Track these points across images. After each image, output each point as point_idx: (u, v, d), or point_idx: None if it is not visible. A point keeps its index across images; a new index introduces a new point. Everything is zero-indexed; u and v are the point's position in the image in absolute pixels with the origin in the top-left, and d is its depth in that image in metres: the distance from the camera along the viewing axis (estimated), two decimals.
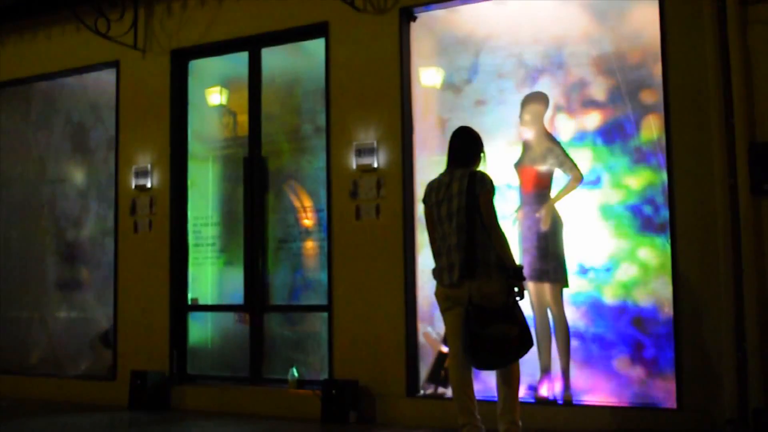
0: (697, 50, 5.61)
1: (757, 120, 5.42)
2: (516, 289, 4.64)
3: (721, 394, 5.33)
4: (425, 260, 6.61)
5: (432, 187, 4.92)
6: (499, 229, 4.65)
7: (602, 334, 6.03)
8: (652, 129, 5.93)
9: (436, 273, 4.87)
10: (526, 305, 6.07)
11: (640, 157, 5.98)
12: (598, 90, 6.16)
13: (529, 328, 4.70)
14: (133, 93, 7.92)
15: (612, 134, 6.10)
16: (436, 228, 4.87)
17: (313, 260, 7.45)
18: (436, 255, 4.90)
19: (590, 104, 6.20)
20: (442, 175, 4.93)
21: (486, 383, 6.05)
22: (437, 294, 4.87)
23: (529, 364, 6.21)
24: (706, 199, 5.50)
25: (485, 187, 4.71)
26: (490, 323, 4.52)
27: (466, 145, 4.97)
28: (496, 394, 4.86)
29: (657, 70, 5.84)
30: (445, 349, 6.26)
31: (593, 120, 6.18)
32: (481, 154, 5.01)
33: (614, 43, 6.13)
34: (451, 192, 4.76)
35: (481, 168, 4.96)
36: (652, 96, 5.92)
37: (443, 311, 4.86)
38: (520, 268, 4.67)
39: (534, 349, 6.03)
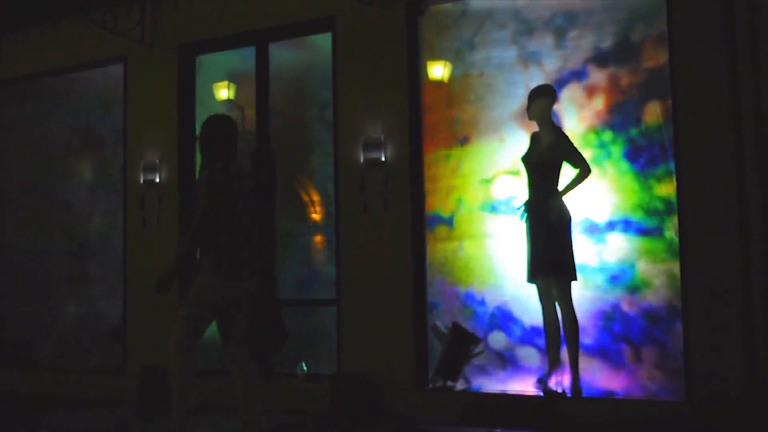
0: (705, 41, 5.59)
1: (765, 113, 5.40)
2: None
3: (730, 387, 5.33)
4: (434, 253, 6.64)
5: (229, 176, 4.66)
6: None
7: (611, 326, 6.04)
8: (659, 119, 5.94)
9: (226, 265, 4.59)
10: (534, 298, 6.10)
11: (648, 149, 5.99)
12: (606, 81, 6.17)
13: None
14: (140, 88, 7.93)
15: (619, 125, 6.11)
16: (227, 219, 4.62)
17: (321, 254, 7.47)
18: (228, 248, 4.61)
19: (598, 95, 6.20)
20: (227, 164, 4.70)
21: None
22: (215, 288, 4.60)
23: (537, 357, 6.25)
24: (715, 191, 5.49)
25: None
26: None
27: (236, 137, 4.91)
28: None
29: (664, 60, 5.84)
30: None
31: (601, 111, 6.18)
32: None
33: (622, 33, 6.13)
34: (245, 188, 4.75)
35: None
36: (659, 87, 5.92)
37: (209, 305, 4.66)
38: None
39: (542, 342, 6.13)
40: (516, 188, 6.38)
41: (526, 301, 6.28)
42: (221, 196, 4.58)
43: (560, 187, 5.98)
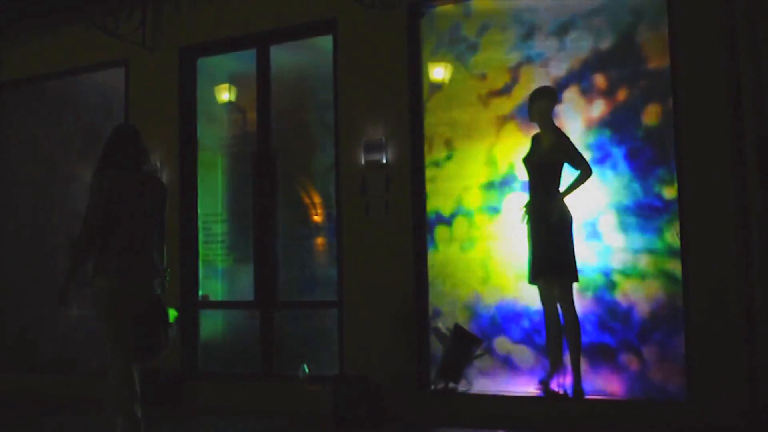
0: (706, 42, 5.59)
1: (767, 114, 5.40)
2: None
3: (733, 387, 5.33)
4: (435, 255, 6.64)
5: (119, 183, 4.76)
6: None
7: (612, 328, 6.03)
8: (660, 121, 5.95)
9: (115, 268, 4.66)
10: (536, 300, 6.11)
11: (649, 150, 5.99)
12: (607, 82, 6.18)
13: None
14: (142, 91, 7.94)
15: (620, 126, 6.11)
16: (116, 224, 4.71)
17: (322, 256, 7.47)
18: (117, 252, 4.69)
19: (598, 96, 6.20)
20: (123, 172, 4.81)
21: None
22: (116, 291, 4.64)
23: (539, 358, 6.25)
24: (716, 192, 5.49)
25: (168, 196, 5.02)
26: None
27: (142, 146, 5.00)
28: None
29: (665, 61, 5.85)
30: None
31: (602, 112, 6.19)
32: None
33: (623, 35, 6.14)
34: (146, 194, 4.82)
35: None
36: (660, 89, 5.92)
37: (121, 310, 4.67)
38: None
39: (544, 344, 6.13)
40: (517, 190, 6.39)
41: (527, 303, 6.28)
42: (109, 202, 4.69)
43: (561, 188, 5.98)
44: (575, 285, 5.95)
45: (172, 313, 4.95)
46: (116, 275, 4.67)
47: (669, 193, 5.85)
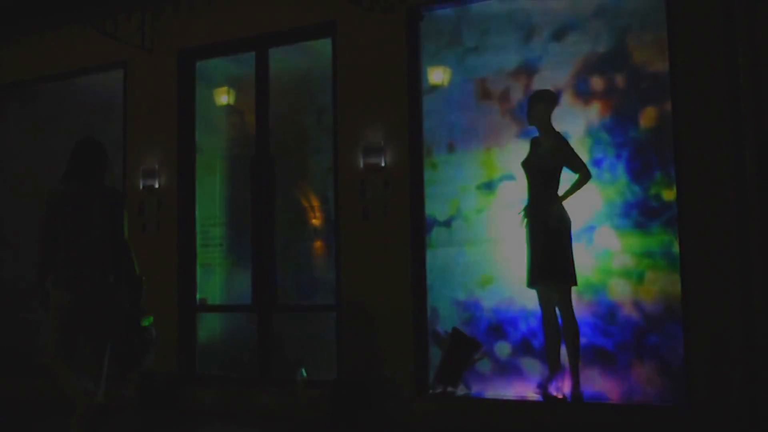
0: (705, 46, 5.58)
1: (765, 117, 5.39)
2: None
3: (731, 392, 5.31)
4: (434, 259, 6.62)
5: (67, 195, 4.89)
6: (130, 243, 5.07)
7: (611, 332, 6.02)
8: (659, 124, 5.94)
9: (63, 278, 4.81)
10: (535, 304, 6.09)
11: (647, 154, 5.98)
12: (605, 85, 6.18)
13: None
14: (140, 93, 7.92)
15: (619, 130, 6.11)
16: (63, 235, 4.84)
17: (321, 260, 7.45)
18: (64, 262, 4.83)
19: (597, 100, 6.20)
20: (70, 184, 4.91)
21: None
22: (63, 301, 4.78)
23: (537, 362, 6.23)
24: (715, 194, 5.47)
25: (125, 205, 5.10)
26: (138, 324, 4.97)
27: (99, 159, 5.07)
28: None
29: (664, 65, 5.84)
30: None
31: (600, 115, 6.19)
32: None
33: (622, 38, 6.15)
34: (92, 206, 4.89)
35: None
36: (659, 92, 5.92)
37: (68, 320, 4.81)
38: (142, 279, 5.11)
39: (542, 347, 6.12)
40: (516, 193, 6.37)
41: (525, 306, 6.26)
42: (56, 215, 4.83)
43: (560, 192, 5.97)
44: (574, 289, 5.93)
45: (148, 319, 5.00)
46: (63, 286, 4.78)
47: (668, 195, 5.84)
